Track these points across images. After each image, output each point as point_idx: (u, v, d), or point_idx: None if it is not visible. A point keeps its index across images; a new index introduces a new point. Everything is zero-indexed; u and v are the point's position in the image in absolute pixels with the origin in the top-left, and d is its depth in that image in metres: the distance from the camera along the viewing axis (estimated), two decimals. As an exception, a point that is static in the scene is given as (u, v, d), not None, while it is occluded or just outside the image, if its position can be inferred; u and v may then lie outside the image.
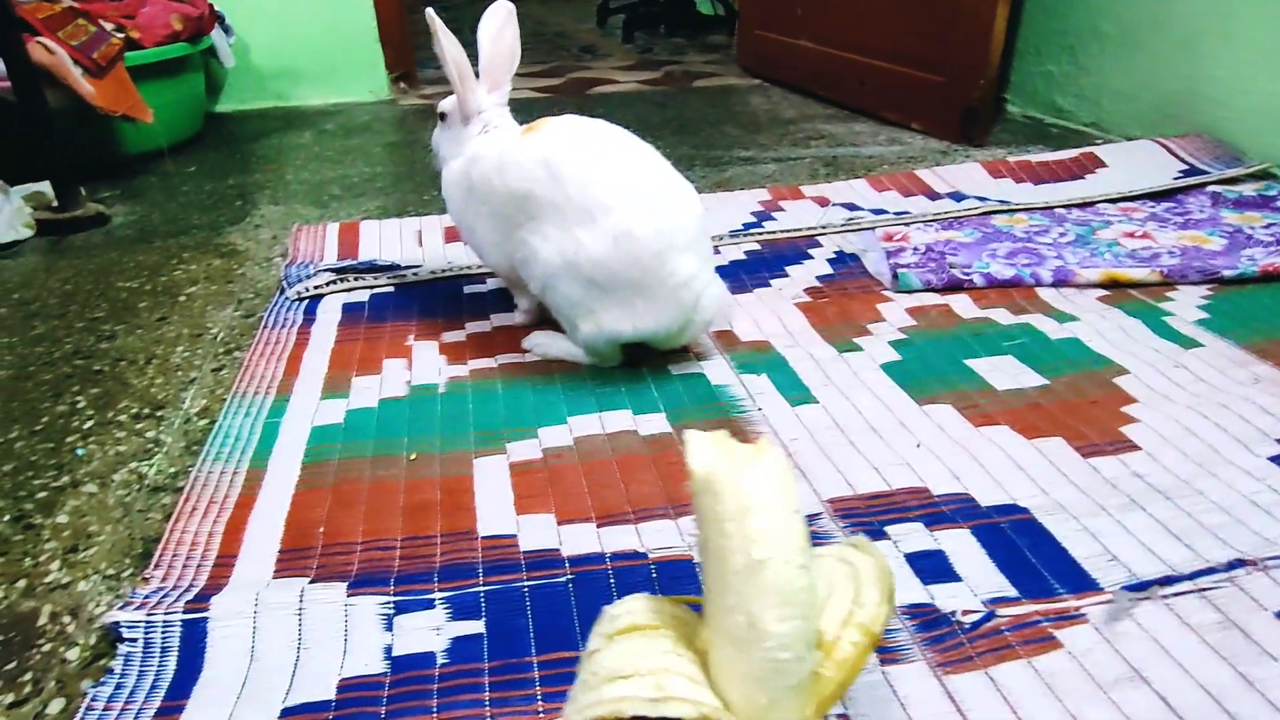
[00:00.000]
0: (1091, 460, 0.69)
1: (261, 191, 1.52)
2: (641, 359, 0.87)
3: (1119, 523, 0.62)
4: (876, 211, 1.26)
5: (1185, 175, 1.32)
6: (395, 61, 2.24)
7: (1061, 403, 0.78)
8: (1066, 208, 1.24)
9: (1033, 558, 0.59)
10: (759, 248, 1.16)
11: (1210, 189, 1.27)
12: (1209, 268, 1.00)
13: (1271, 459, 0.68)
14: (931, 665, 0.51)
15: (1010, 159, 1.44)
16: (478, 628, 0.55)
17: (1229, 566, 0.57)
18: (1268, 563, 0.57)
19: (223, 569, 0.61)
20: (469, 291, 1.06)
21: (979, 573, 0.58)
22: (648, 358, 0.88)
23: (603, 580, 0.58)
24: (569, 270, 0.78)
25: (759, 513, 0.36)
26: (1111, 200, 1.26)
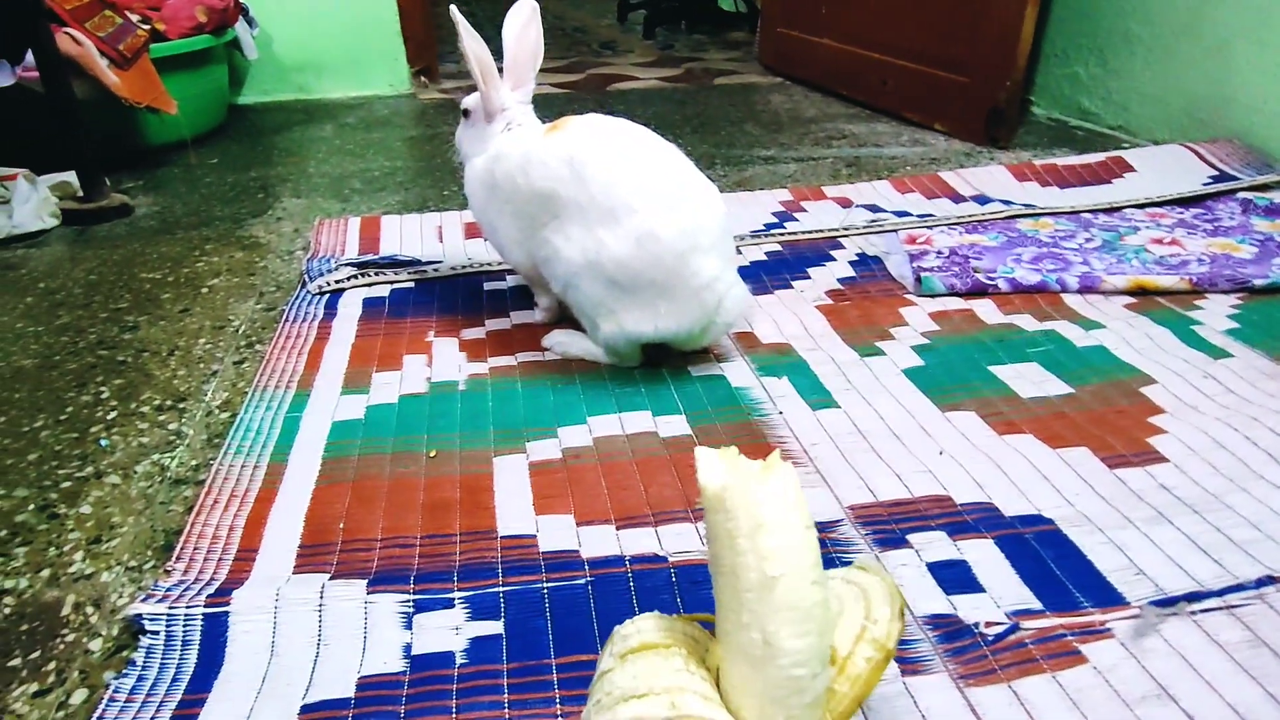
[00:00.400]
0: (1118, 471, 0.68)
1: (283, 184, 1.53)
2: (661, 360, 0.87)
3: (1146, 536, 0.61)
4: (899, 214, 1.25)
5: (1215, 181, 1.30)
6: (416, 55, 2.25)
7: (1087, 412, 0.77)
8: (1093, 212, 1.23)
9: (1057, 570, 0.58)
10: (780, 248, 1.16)
11: (1240, 195, 1.25)
12: (1239, 276, 0.98)
13: (1303, 474, 0.67)
14: (953, 677, 0.50)
15: (1036, 162, 1.43)
16: (497, 628, 0.55)
17: (1259, 584, 0.56)
18: (1299, 580, 0.56)
19: (243, 563, 0.61)
20: (489, 288, 1.06)
21: (1002, 584, 0.57)
22: (668, 359, 0.87)
23: (622, 583, 0.58)
24: (591, 270, 0.78)
25: (772, 529, 0.36)
26: (1139, 205, 1.25)
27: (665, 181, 0.77)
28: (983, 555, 0.60)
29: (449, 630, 0.55)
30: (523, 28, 0.87)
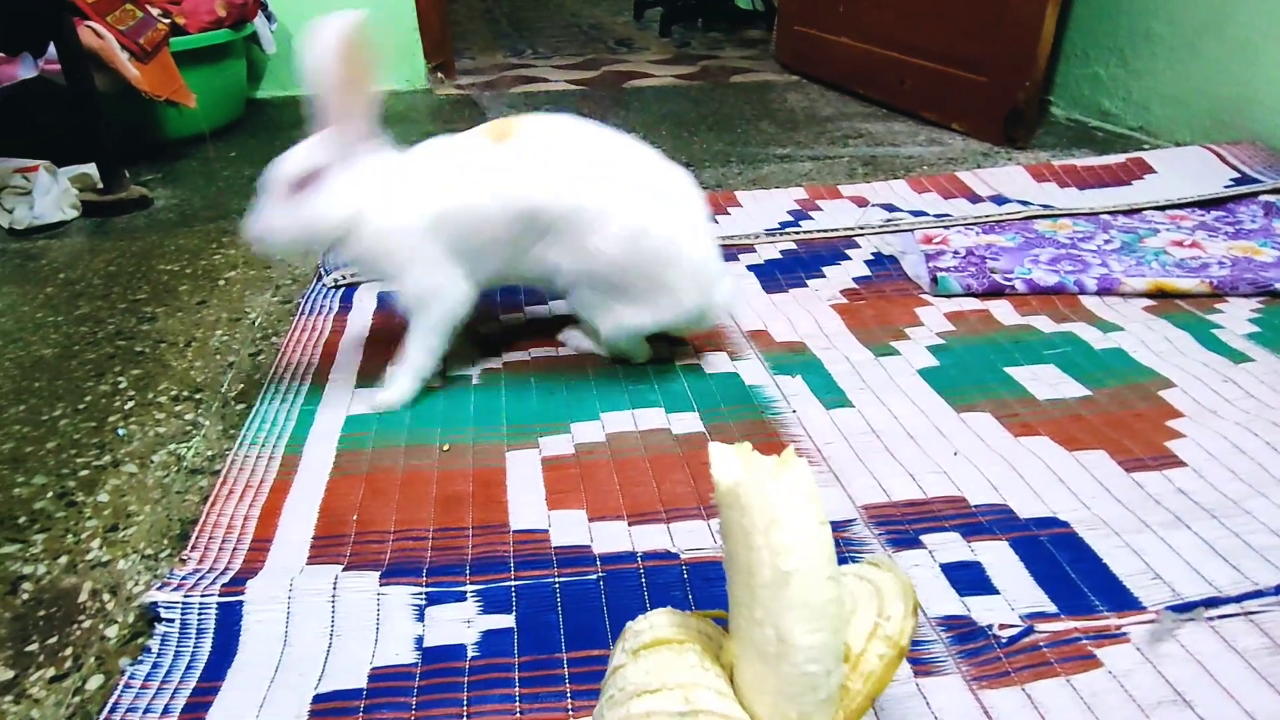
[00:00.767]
0: (1135, 475, 0.67)
1: (300, 178, 1.53)
2: (675, 356, 0.87)
3: (1163, 540, 0.60)
4: (916, 213, 1.24)
5: (1237, 184, 1.29)
6: (433, 51, 2.25)
7: (1104, 415, 0.76)
8: (1112, 214, 1.22)
9: (1073, 573, 0.58)
10: (795, 247, 1.15)
11: (1263, 198, 1.23)
12: (1261, 280, 0.97)
13: (1324, 480, 0.66)
14: (966, 679, 0.50)
15: (1054, 162, 1.41)
16: (508, 622, 0.55)
17: (1277, 590, 0.55)
18: (1319, 588, 0.55)
19: (258, 553, 0.62)
20: (503, 283, 1.06)
21: (1017, 586, 0.57)
22: (682, 355, 0.87)
23: (634, 579, 0.58)
24: (587, 278, 0.77)
25: (786, 525, 0.36)
26: (1159, 207, 1.23)
27: (640, 174, 0.77)
28: (997, 557, 0.59)
29: (461, 623, 0.55)
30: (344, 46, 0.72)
